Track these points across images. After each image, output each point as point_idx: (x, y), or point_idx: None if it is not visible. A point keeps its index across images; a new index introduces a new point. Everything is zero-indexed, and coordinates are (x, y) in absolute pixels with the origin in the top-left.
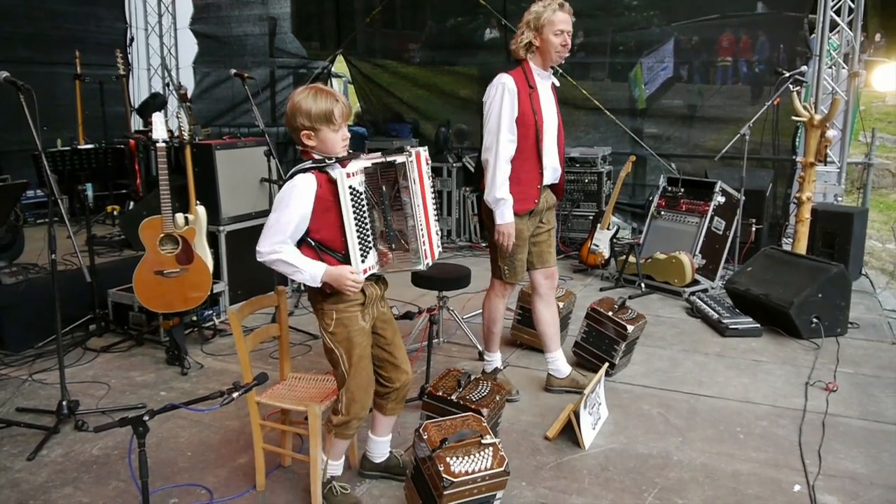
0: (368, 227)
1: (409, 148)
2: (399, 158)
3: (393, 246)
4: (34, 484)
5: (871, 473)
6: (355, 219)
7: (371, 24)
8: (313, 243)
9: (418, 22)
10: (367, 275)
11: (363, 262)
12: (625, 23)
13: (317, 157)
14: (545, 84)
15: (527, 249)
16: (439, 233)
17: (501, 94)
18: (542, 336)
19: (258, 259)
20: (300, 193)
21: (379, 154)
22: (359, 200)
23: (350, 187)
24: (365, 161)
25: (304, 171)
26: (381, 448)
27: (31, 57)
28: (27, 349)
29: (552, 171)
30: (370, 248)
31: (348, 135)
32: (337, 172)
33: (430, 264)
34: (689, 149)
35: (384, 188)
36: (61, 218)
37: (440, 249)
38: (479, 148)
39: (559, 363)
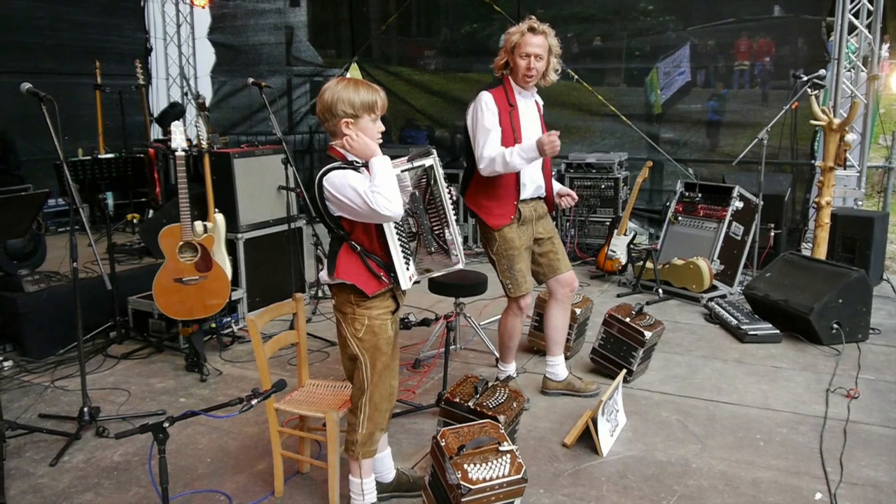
0: (406, 236)
1: (430, 147)
2: (427, 161)
3: (432, 249)
4: (56, 490)
5: (894, 481)
6: (396, 230)
7: (386, 32)
8: (358, 248)
9: (433, 29)
10: (411, 282)
11: (408, 269)
12: (640, 27)
13: (348, 156)
14: (527, 102)
15: (524, 259)
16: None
17: (482, 110)
18: (549, 340)
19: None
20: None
21: (403, 159)
22: None
23: None
24: (395, 168)
25: (340, 168)
26: (385, 464)
27: (55, 68)
28: (49, 356)
29: (534, 186)
30: (411, 256)
31: (383, 127)
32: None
33: (465, 262)
34: (706, 153)
35: (416, 193)
36: (82, 226)
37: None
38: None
39: (559, 368)
